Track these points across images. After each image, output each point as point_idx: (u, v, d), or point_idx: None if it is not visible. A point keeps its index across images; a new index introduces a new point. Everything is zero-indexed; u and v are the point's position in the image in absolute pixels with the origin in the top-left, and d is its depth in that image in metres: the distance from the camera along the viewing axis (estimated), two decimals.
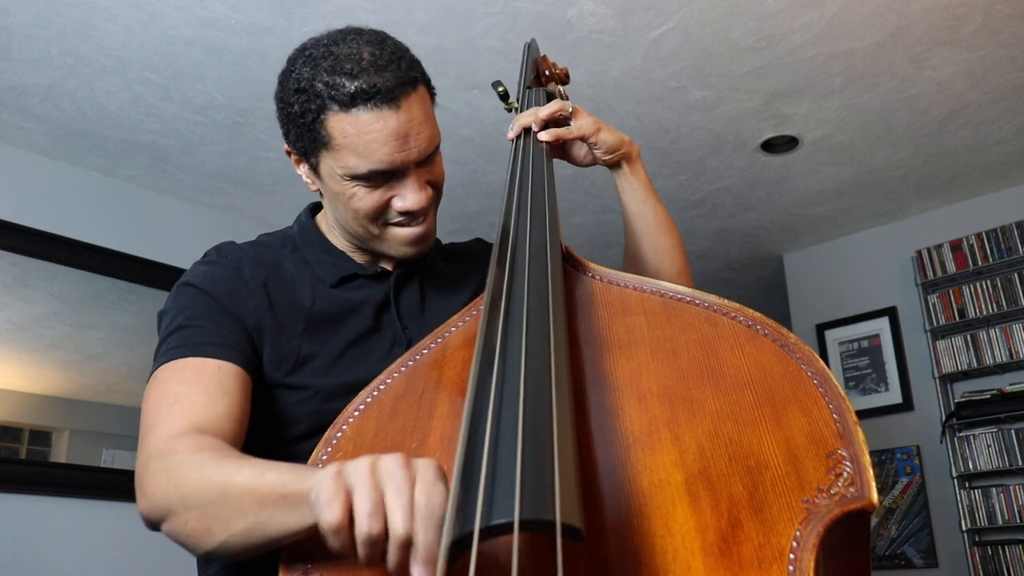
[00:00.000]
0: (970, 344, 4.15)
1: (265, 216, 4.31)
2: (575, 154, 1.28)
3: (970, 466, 4.03)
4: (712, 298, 0.81)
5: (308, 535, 0.69)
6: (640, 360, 0.77)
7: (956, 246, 4.27)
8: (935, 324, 4.26)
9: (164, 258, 3.91)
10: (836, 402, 0.67)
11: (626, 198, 1.28)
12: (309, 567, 0.71)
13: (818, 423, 0.66)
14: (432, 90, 1.11)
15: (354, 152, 1.00)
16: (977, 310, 4.14)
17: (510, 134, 1.19)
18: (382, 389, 0.86)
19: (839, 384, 0.69)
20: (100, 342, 3.67)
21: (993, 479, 4.02)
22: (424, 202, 1.05)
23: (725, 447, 0.66)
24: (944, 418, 4.15)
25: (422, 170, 1.06)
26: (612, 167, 1.27)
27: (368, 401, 0.85)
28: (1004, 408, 3.96)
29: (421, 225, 1.09)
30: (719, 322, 0.79)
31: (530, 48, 1.50)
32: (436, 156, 1.10)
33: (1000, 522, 3.88)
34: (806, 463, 0.64)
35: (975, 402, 4.06)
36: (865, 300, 4.68)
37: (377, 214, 1.06)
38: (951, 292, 4.25)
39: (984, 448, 4.01)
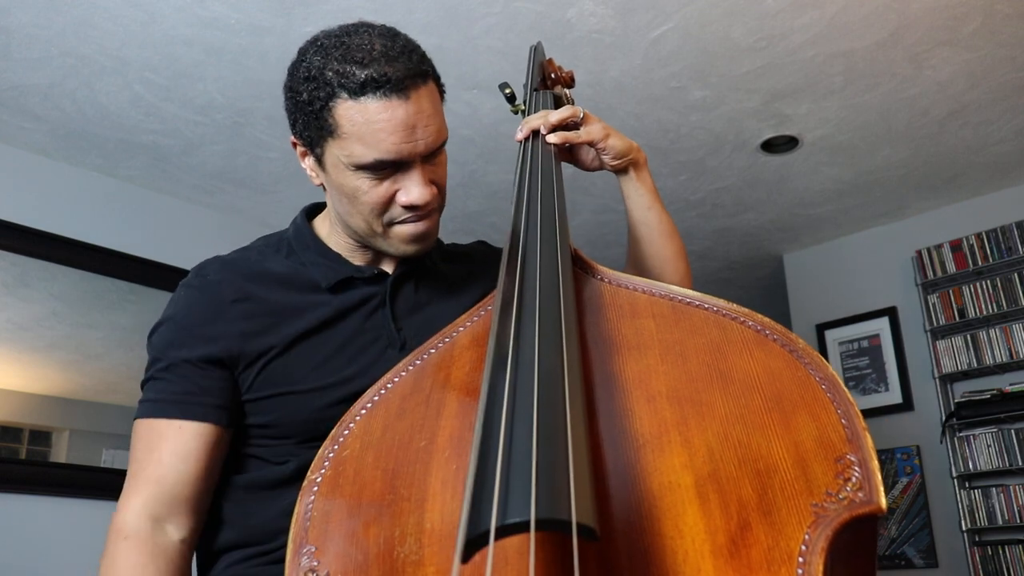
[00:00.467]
0: (970, 344, 4.16)
1: (265, 216, 4.31)
2: (582, 158, 1.28)
3: (970, 466, 4.03)
4: (721, 302, 0.81)
5: None
6: (649, 362, 0.77)
7: (956, 246, 4.28)
8: (935, 324, 4.26)
9: (164, 258, 3.91)
10: (845, 407, 0.67)
11: (632, 204, 1.28)
12: (316, 564, 0.71)
13: (827, 428, 0.66)
14: (441, 86, 1.10)
15: (361, 141, 1.00)
16: (977, 310, 4.14)
17: (518, 135, 1.19)
18: (389, 388, 0.86)
19: (847, 389, 0.69)
20: (100, 342, 3.67)
21: (993, 479, 4.02)
22: (428, 197, 1.04)
23: (734, 450, 0.66)
24: (944, 418, 4.15)
25: (427, 166, 1.06)
26: (619, 173, 1.27)
27: (375, 399, 0.85)
28: (1004, 408, 3.96)
29: (424, 222, 1.08)
30: (728, 326, 0.78)
31: (536, 51, 1.50)
32: (441, 155, 1.09)
33: (1000, 522, 3.89)
34: (815, 467, 0.64)
35: (975, 402, 4.06)
36: (865, 300, 4.69)
37: (381, 209, 1.06)
38: (951, 292, 4.26)
39: (984, 448, 4.01)
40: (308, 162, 1.11)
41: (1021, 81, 3.36)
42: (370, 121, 0.99)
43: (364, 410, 0.83)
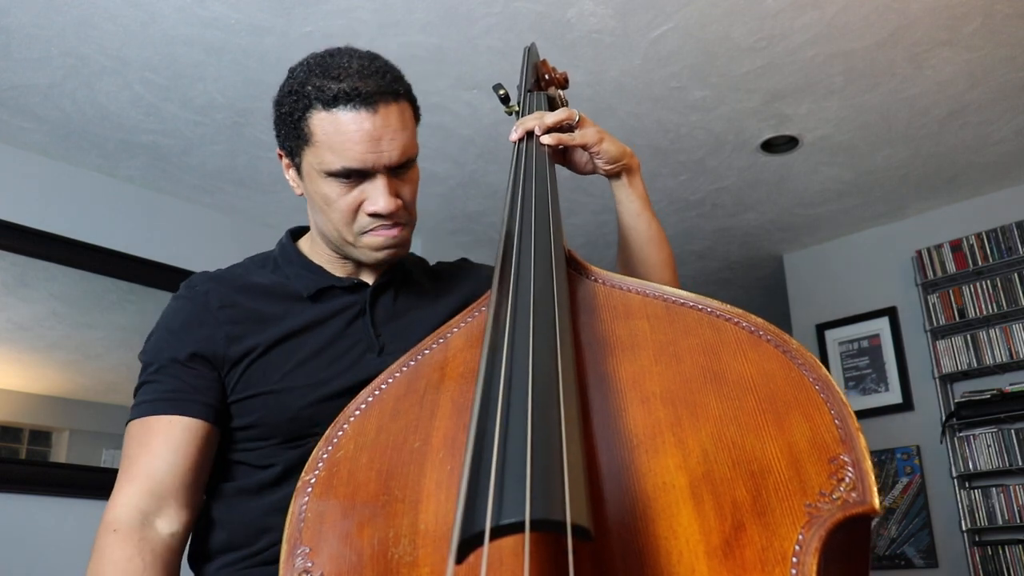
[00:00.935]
0: (970, 344, 4.16)
1: (265, 216, 4.31)
2: (576, 161, 1.29)
3: (970, 466, 4.03)
4: (714, 303, 0.81)
5: None
6: (643, 363, 0.77)
7: (956, 246, 4.28)
8: (935, 324, 4.26)
9: (164, 258, 3.92)
10: (838, 408, 0.68)
11: (622, 209, 1.29)
12: (311, 565, 0.71)
13: (820, 428, 0.67)
14: (417, 109, 1.17)
15: (331, 149, 1.07)
16: (977, 310, 4.14)
17: (513, 136, 1.19)
18: (383, 388, 0.86)
19: (840, 390, 0.69)
20: (100, 342, 3.67)
21: (993, 479, 4.03)
22: (392, 207, 1.09)
23: (728, 451, 0.66)
24: (944, 418, 4.15)
25: (394, 180, 1.11)
26: (611, 178, 1.28)
27: (369, 400, 0.85)
28: (1004, 408, 3.96)
29: (391, 232, 1.13)
30: (722, 327, 0.78)
31: (530, 52, 1.50)
32: (411, 173, 1.15)
33: (1000, 522, 3.89)
34: (808, 468, 0.64)
35: (975, 402, 4.06)
36: (865, 300, 4.69)
37: (350, 217, 1.11)
38: (951, 292, 4.26)
39: (984, 448, 4.01)
40: (291, 173, 1.19)
41: (1021, 81, 3.36)
42: (339, 131, 1.07)
43: (358, 411, 0.83)
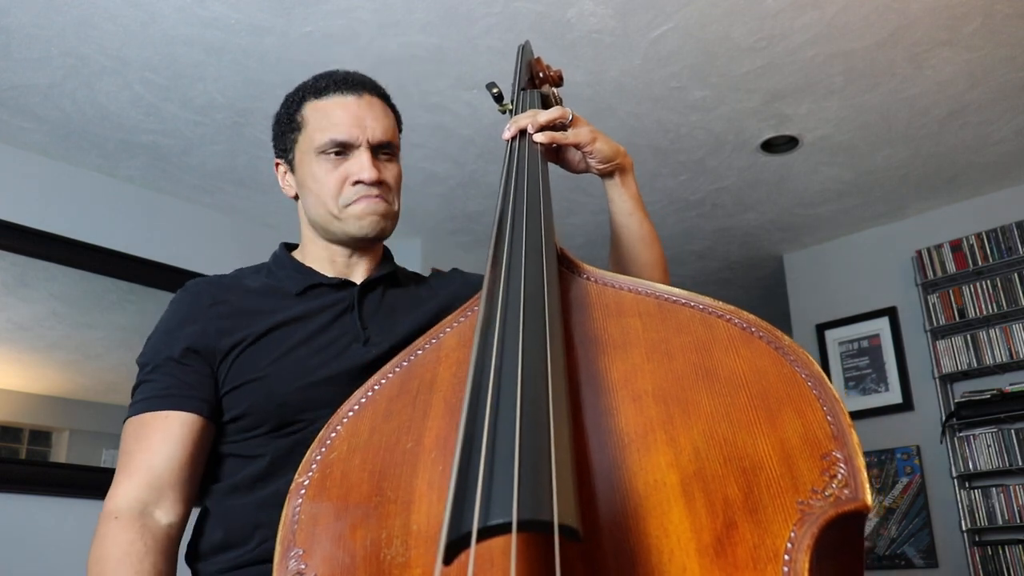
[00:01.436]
0: (970, 344, 4.15)
1: (265, 216, 4.31)
2: (569, 160, 1.30)
3: (970, 466, 4.03)
4: (707, 300, 0.81)
5: None
6: (635, 361, 0.76)
7: (956, 246, 4.27)
8: (935, 324, 4.26)
9: (164, 258, 3.92)
10: (830, 404, 0.67)
11: (614, 208, 1.30)
12: (304, 567, 0.71)
13: (812, 425, 0.66)
14: (399, 117, 1.30)
15: (319, 128, 1.21)
16: (977, 310, 4.14)
17: (506, 134, 1.20)
18: (376, 390, 0.86)
19: (836, 387, 0.69)
20: (100, 342, 3.67)
21: (993, 479, 4.02)
22: (376, 176, 1.19)
23: (720, 448, 0.66)
24: (944, 418, 4.15)
25: (377, 160, 1.22)
26: (604, 177, 1.29)
27: (362, 401, 0.85)
28: (1004, 408, 3.96)
29: (375, 201, 1.20)
30: (714, 324, 0.78)
31: (524, 50, 1.50)
32: (393, 162, 1.25)
33: (1000, 522, 3.88)
34: (800, 465, 0.64)
35: (975, 402, 4.06)
36: (865, 300, 4.68)
37: (337, 190, 1.20)
38: (951, 292, 4.26)
39: (984, 448, 4.01)
40: (285, 177, 1.29)
41: (1021, 81, 3.35)
42: (327, 112, 1.22)
43: (351, 412, 0.83)
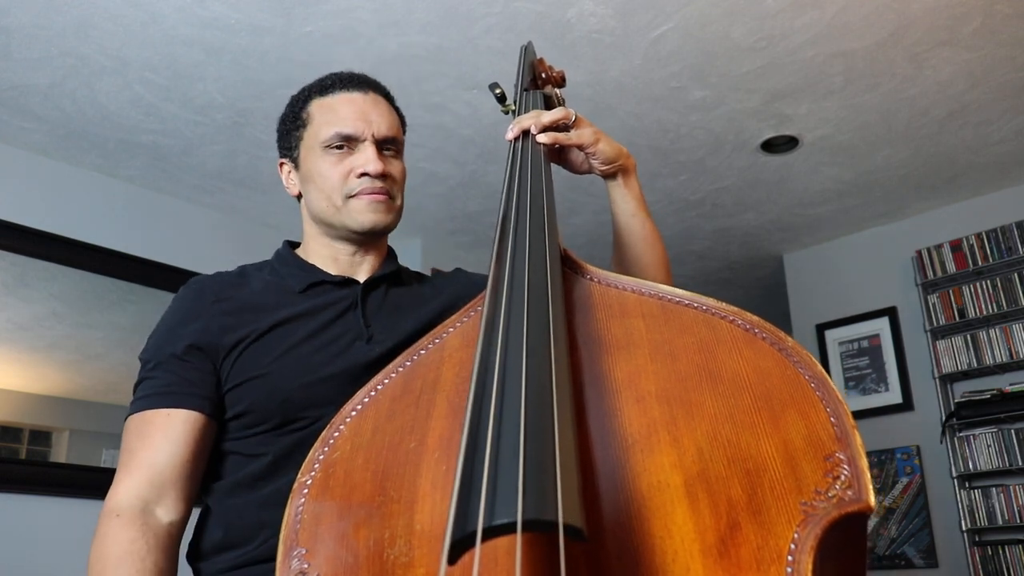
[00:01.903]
0: (970, 344, 4.15)
1: (265, 216, 4.31)
2: (572, 161, 1.30)
3: (970, 466, 4.03)
4: (710, 301, 0.81)
5: None
6: (638, 362, 0.76)
7: (956, 246, 4.27)
8: (935, 324, 4.26)
9: (164, 258, 3.92)
10: (834, 405, 0.67)
11: (617, 209, 1.30)
12: (307, 567, 0.71)
13: (816, 426, 0.66)
14: (403, 118, 1.31)
15: (325, 122, 1.22)
16: (977, 310, 4.14)
17: (509, 135, 1.20)
18: (379, 389, 0.86)
19: (837, 388, 0.69)
20: (100, 342, 3.67)
21: (993, 479, 4.02)
22: (381, 169, 1.19)
23: (723, 449, 0.66)
24: (944, 418, 4.15)
25: (382, 154, 1.22)
26: (607, 178, 1.29)
27: (365, 401, 0.85)
28: (1004, 408, 3.96)
29: (379, 194, 1.20)
30: (717, 325, 0.78)
31: (527, 51, 1.50)
32: (397, 159, 1.26)
33: (1000, 522, 3.88)
34: (804, 466, 0.64)
35: (975, 402, 4.06)
36: (865, 300, 4.68)
37: (341, 182, 1.20)
38: (951, 292, 4.26)
39: (984, 448, 4.01)
40: (291, 176, 1.30)
41: (1021, 81, 3.35)
42: (333, 107, 1.23)
43: (355, 411, 0.83)
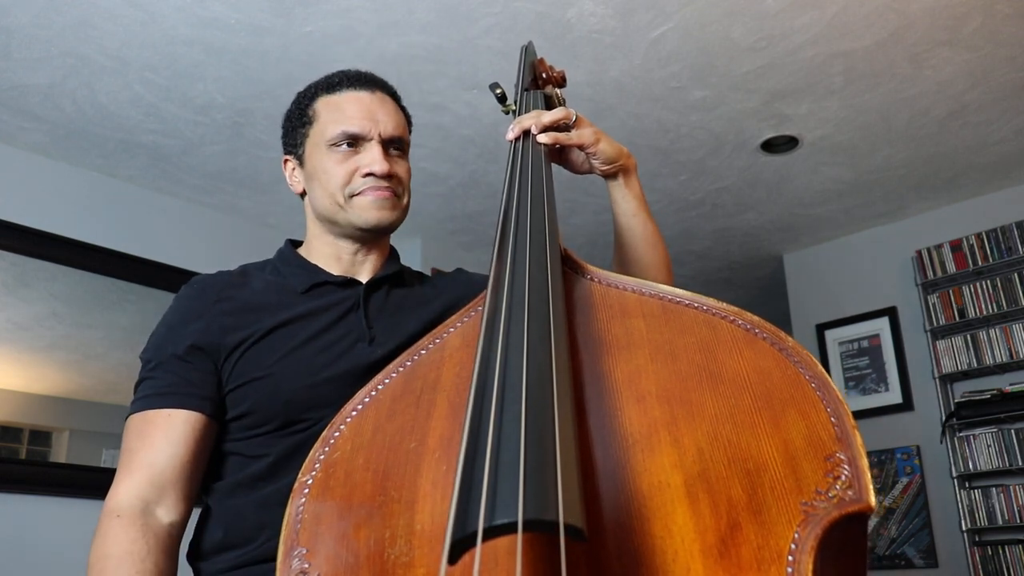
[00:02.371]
0: (970, 344, 4.15)
1: (265, 216, 4.31)
2: (572, 161, 1.30)
3: (970, 466, 4.03)
4: (711, 301, 0.81)
5: None
6: (639, 362, 0.76)
7: (956, 246, 4.27)
8: (935, 324, 4.26)
9: (164, 258, 3.91)
10: (834, 405, 0.67)
11: (618, 210, 1.30)
12: (307, 566, 0.71)
13: (816, 426, 0.66)
14: (409, 119, 1.31)
15: (332, 120, 1.21)
16: (977, 310, 4.14)
17: (509, 135, 1.20)
18: (380, 389, 0.86)
19: (837, 388, 0.69)
20: (100, 342, 3.67)
21: (993, 479, 4.02)
22: (387, 168, 1.19)
23: (724, 449, 0.66)
24: (944, 418, 4.15)
25: (387, 153, 1.22)
26: (608, 178, 1.29)
27: (366, 401, 0.85)
28: (1004, 408, 3.96)
29: (384, 192, 1.20)
30: (718, 325, 0.78)
31: (527, 51, 1.50)
32: (403, 159, 1.26)
33: (1000, 522, 3.88)
34: (804, 466, 0.64)
35: (975, 402, 4.06)
36: (865, 300, 4.68)
37: (346, 181, 1.20)
38: (951, 292, 4.26)
39: (984, 448, 4.01)
40: (295, 174, 1.28)
41: (1021, 81, 3.35)
42: (340, 105, 1.22)
43: (355, 411, 0.83)
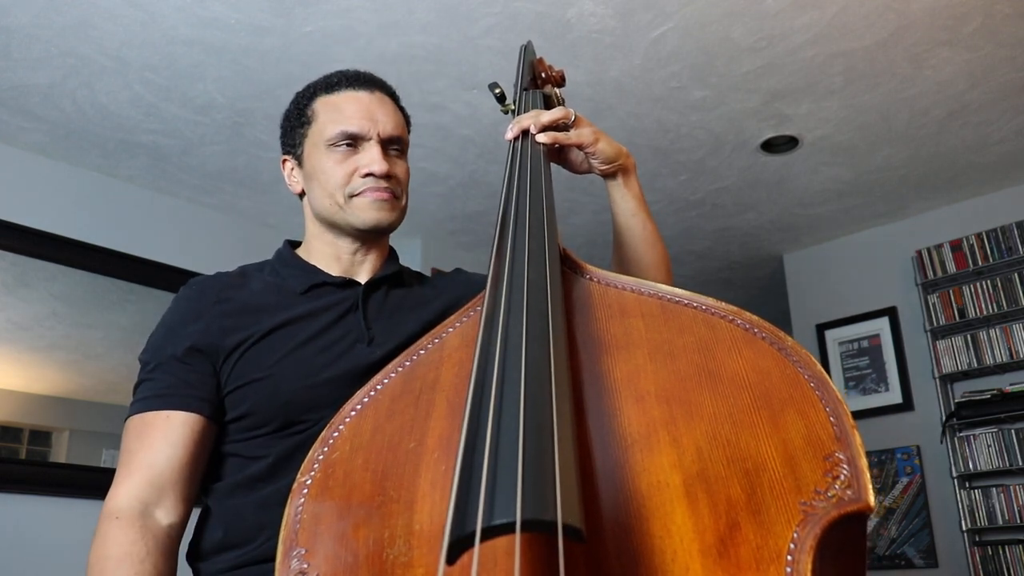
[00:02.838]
0: (970, 344, 4.15)
1: (265, 216, 4.31)
2: (572, 160, 1.30)
3: (970, 466, 4.03)
4: (709, 301, 0.81)
5: None
6: (638, 362, 0.76)
7: (956, 246, 4.27)
8: (935, 324, 4.26)
9: (164, 258, 3.92)
10: (833, 405, 0.67)
11: (617, 209, 1.30)
12: (306, 567, 0.71)
13: (815, 426, 0.66)
14: (408, 119, 1.31)
15: (331, 120, 1.21)
16: (977, 310, 4.14)
17: (508, 135, 1.20)
18: (379, 389, 0.86)
19: (837, 387, 0.69)
20: (100, 342, 3.67)
21: (993, 479, 4.02)
22: (386, 169, 1.19)
23: (723, 449, 0.66)
24: (944, 418, 4.15)
25: (386, 153, 1.22)
26: (607, 177, 1.29)
27: (365, 401, 0.85)
28: (1004, 408, 3.96)
29: (383, 193, 1.20)
30: (716, 325, 0.78)
31: (526, 50, 1.50)
32: (402, 159, 1.26)
33: (1000, 522, 3.88)
34: (803, 466, 0.64)
35: (975, 402, 4.06)
36: (865, 300, 4.68)
37: (345, 181, 1.20)
38: (951, 292, 4.26)
39: (984, 448, 4.01)
40: (292, 172, 1.28)
41: (1021, 81, 3.35)
42: (339, 105, 1.22)
43: (354, 411, 0.83)
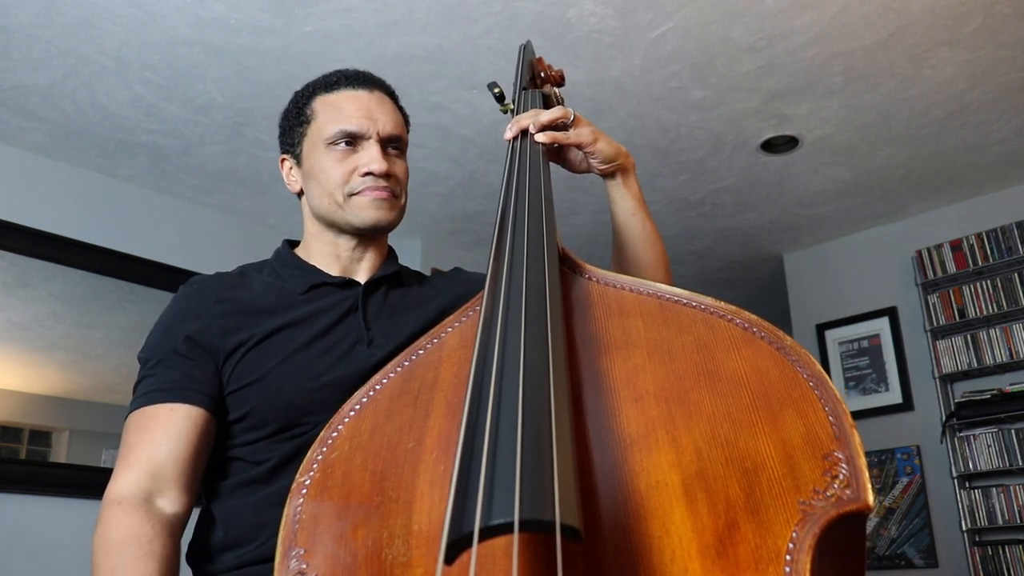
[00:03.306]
0: (970, 344, 4.15)
1: (265, 216, 4.31)
2: (571, 160, 1.30)
3: (970, 466, 4.03)
4: (708, 300, 0.81)
5: None
6: (637, 361, 0.76)
7: (956, 246, 4.27)
8: (935, 324, 4.26)
9: (164, 258, 3.91)
10: (832, 404, 0.67)
11: (616, 208, 1.30)
12: (305, 567, 0.71)
13: (814, 425, 0.66)
14: (407, 118, 1.31)
15: (330, 119, 1.21)
16: (977, 310, 4.14)
17: (507, 134, 1.20)
18: (378, 389, 0.86)
19: (836, 387, 0.69)
20: (100, 342, 3.67)
21: (993, 479, 4.02)
22: (385, 168, 1.19)
23: (722, 449, 0.66)
24: (944, 418, 4.15)
25: (386, 153, 1.22)
26: (606, 177, 1.29)
27: (364, 401, 0.85)
28: (1004, 408, 3.96)
29: (382, 192, 1.20)
30: (715, 324, 0.78)
31: (525, 50, 1.50)
32: (401, 158, 1.26)
33: (1000, 522, 3.88)
34: (802, 465, 0.64)
35: (975, 402, 4.06)
36: (865, 300, 4.68)
37: (344, 180, 1.20)
38: (951, 292, 4.26)
39: (984, 448, 4.01)
40: (292, 173, 1.28)
41: (1021, 81, 3.35)
42: (338, 104, 1.22)
43: (353, 412, 0.83)
